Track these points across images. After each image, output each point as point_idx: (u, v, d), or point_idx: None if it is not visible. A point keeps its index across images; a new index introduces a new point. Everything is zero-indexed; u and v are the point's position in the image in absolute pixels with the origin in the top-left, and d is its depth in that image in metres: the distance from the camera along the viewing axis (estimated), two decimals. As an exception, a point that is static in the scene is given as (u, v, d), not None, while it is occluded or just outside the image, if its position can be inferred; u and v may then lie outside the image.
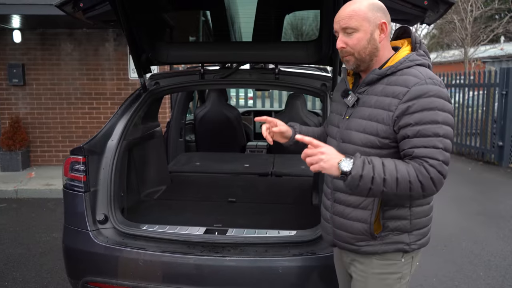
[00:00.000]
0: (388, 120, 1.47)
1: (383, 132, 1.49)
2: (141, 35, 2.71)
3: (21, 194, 6.01)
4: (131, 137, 2.67)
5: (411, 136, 1.43)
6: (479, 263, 3.83)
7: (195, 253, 2.14)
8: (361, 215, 1.57)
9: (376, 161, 1.42)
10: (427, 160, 1.40)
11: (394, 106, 1.45)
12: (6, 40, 7.17)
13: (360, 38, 1.52)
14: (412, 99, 1.42)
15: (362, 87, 1.59)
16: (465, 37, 16.16)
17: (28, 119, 7.36)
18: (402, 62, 1.52)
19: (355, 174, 1.39)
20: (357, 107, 1.58)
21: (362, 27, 1.51)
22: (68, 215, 2.40)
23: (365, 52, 1.54)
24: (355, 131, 1.56)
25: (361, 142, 1.53)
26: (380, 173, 1.40)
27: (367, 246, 1.58)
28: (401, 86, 1.46)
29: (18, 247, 4.14)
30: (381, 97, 1.50)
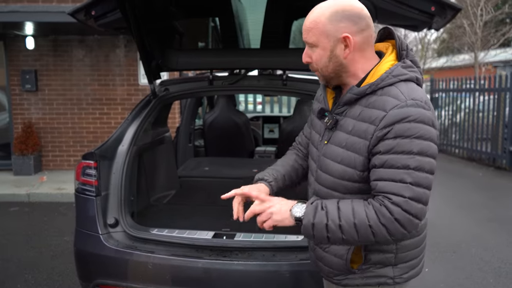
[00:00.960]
0: (364, 150, 1.27)
1: (360, 165, 1.29)
2: (151, 42, 2.77)
3: (33, 198, 6.10)
4: (141, 143, 2.72)
5: (377, 165, 1.24)
6: (489, 270, 3.80)
7: (204, 257, 2.17)
8: (337, 250, 1.41)
9: (331, 206, 1.27)
10: (390, 197, 1.21)
11: (370, 134, 1.25)
12: (19, 46, 7.31)
13: (321, 55, 1.32)
14: (388, 125, 1.22)
15: (339, 107, 1.37)
16: (475, 41, 16.05)
17: (40, 124, 7.48)
18: (384, 78, 1.28)
19: (306, 222, 1.27)
20: (336, 131, 1.37)
21: (320, 43, 1.30)
22: (80, 218, 2.45)
23: (327, 70, 1.34)
24: (331, 160, 1.36)
25: (338, 174, 1.34)
26: (334, 219, 1.24)
27: (346, 279, 1.45)
28: (379, 110, 1.25)
29: (30, 250, 4.21)
30: (359, 122, 1.30)
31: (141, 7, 2.53)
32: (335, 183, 1.35)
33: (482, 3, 15.45)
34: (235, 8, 3.00)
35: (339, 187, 1.35)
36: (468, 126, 9.39)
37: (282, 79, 2.87)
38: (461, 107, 9.84)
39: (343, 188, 1.35)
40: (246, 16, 3.22)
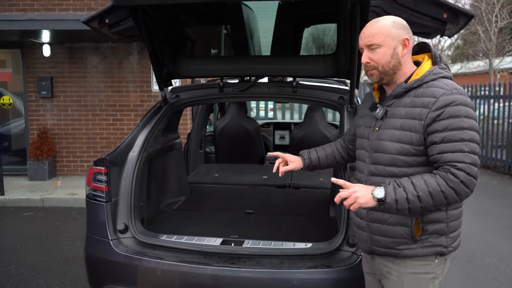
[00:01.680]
0: (420, 128, 1.58)
1: (417, 140, 1.59)
2: (163, 49, 2.80)
3: (47, 203, 6.19)
4: (152, 149, 2.74)
5: (438, 142, 1.54)
6: (503, 280, 3.72)
7: (212, 264, 2.17)
8: (400, 219, 1.64)
9: (405, 182, 1.54)
10: (454, 164, 1.51)
11: (424, 115, 1.57)
12: (36, 54, 7.46)
13: (384, 53, 1.65)
14: (440, 107, 1.54)
15: (389, 100, 1.70)
16: (490, 48, 15.85)
17: (55, 130, 7.61)
18: (426, 75, 1.63)
19: (390, 200, 1.51)
20: (386, 119, 1.69)
21: (385, 43, 1.64)
22: (90, 224, 2.48)
23: (388, 66, 1.66)
24: (388, 141, 1.66)
25: (396, 151, 1.63)
26: (412, 191, 1.51)
27: (407, 249, 1.65)
28: (429, 97, 1.57)
29: (43, 255, 4.26)
30: (411, 108, 1.61)
31: (153, 15, 2.57)
32: (394, 159, 1.63)
33: (497, 10, 15.28)
34: (246, 16, 3.02)
35: (398, 161, 1.63)
36: (482, 133, 9.25)
37: (292, 86, 2.87)
38: (475, 114, 9.70)
39: (402, 162, 1.62)
40: (256, 23, 3.23)
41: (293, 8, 2.81)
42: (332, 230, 2.45)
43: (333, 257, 2.16)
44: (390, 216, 1.66)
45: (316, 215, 3.05)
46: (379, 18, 1.70)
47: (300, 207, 3.22)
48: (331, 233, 2.35)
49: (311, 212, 3.12)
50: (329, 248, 2.18)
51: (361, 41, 1.69)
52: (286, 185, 3.78)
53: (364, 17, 2.25)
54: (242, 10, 2.90)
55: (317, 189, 3.65)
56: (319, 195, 3.48)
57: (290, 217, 2.96)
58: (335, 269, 2.10)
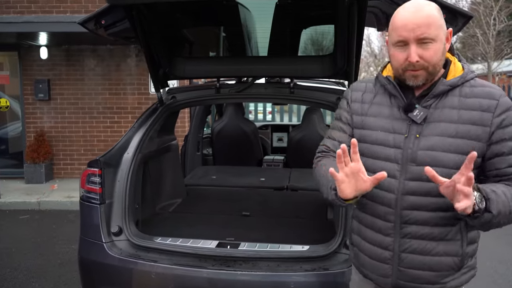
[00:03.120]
0: (484, 136, 1.33)
1: (479, 151, 1.32)
2: (159, 50, 2.77)
3: (44, 206, 6.14)
4: (147, 150, 2.71)
5: (507, 153, 1.33)
6: (504, 283, 3.68)
7: (207, 267, 2.13)
8: (449, 247, 1.38)
9: (500, 190, 1.28)
10: None
11: (488, 121, 1.33)
12: (33, 56, 7.43)
13: (437, 49, 1.33)
14: (504, 111, 1.33)
15: (428, 100, 1.38)
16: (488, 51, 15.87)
17: (52, 132, 7.57)
18: (467, 72, 1.40)
19: (496, 212, 1.24)
20: (428, 123, 1.37)
21: (439, 37, 1.33)
22: (84, 226, 2.44)
23: (439, 65, 1.37)
24: (441, 151, 1.34)
25: (454, 164, 1.31)
26: (506, 203, 1.27)
27: (452, 280, 1.42)
28: (487, 99, 1.35)
29: (39, 258, 4.22)
30: (465, 110, 1.35)
31: (148, 15, 2.54)
32: (449, 174, 1.25)
33: (495, 13, 15.31)
34: (243, 16, 3.00)
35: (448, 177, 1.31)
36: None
37: (290, 87, 2.84)
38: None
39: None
40: (254, 24, 3.21)
41: (290, 8, 2.79)
42: (330, 232, 2.42)
43: (331, 260, 2.12)
44: (437, 244, 1.37)
45: (314, 217, 3.01)
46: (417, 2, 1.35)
47: (298, 209, 3.18)
48: (328, 236, 2.31)
49: (308, 214, 3.08)
50: (326, 250, 2.14)
51: (405, 33, 1.31)
52: (284, 187, 3.75)
53: (362, 17, 2.23)
54: (238, 10, 2.88)
55: (315, 191, 3.61)
56: (317, 197, 3.43)
57: (287, 219, 2.93)
58: (332, 272, 2.06)
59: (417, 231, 1.38)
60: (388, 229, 1.42)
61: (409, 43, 1.32)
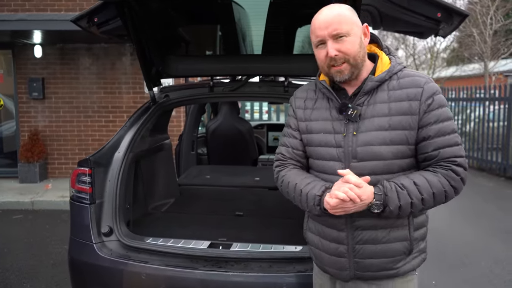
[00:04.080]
0: (414, 124, 1.41)
1: (412, 139, 1.42)
2: (151, 48, 2.74)
3: (37, 206, 6.09)
4: (138, 149, 2.67)
5: (432, 135, 1.40)
6: (499, 283, 3.66)
7: (198, 268, 2.10)
8: (398, 234, 1.47)
9: (407, 183, 1.37)
10: (455, 160, 1.39)
11: (416, 109, 1.41)
12: (27, 55, 7.38)
13: (353, 42, 1.43)
14: (429, 97, 1.41)
15: (360, 97, 1.47)
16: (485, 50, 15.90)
17: (46, 131, 7.51)
18: (394, 66, 1.48)
19: (394, 207, 1.36)
20: (362, 120, 1.45)
21: (352, 31, 1.43)
22: (74, 227, 2.40)
23: (359, 57, 1.45)
24: (379, 145, 1.42)
25: (392, 155, 1.42)
26: (417, 195, 1.36)
27: (404, 265, 1.50)
28: (413, 88, 1.42)
29: (31, 258, 4.17)
30: (394, 102, 1.43)
31: (140, 13, 2.51)
32: (391, 164, 1.43)
33: (491, 12, 15.33)
34: (237, 14, 2.97)
35: (394, 167, 1.43)
36: (478, 136, 9.24)
37: (284, 86, 2.81)
38: (471, 117, 9.69)
39: (398, 167, 1.44)
40: (247, 22, 3.18)
41: (284, 6, 2.76)
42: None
43: None
44: (388, 232, 1.46)
45: None
46: (329, 5, 1.47)
47: (292, 209, 3.13)
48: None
49: (302, 214, 3.04)
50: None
51: (321, 32, 1.42)
52: None
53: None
54: (232, 8, 2.85)
55: None
56: None
57: (281, 219, 2.90)
58: (325, 273, 2.02)
59: (367, 223, 1.47)
60: (341, 224, 1.51)
61: (326, 41, 1.43)
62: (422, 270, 1.62)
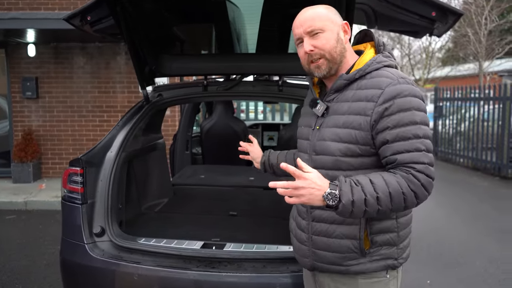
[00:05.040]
0: (365, 125, 1.39)
1: (362, 139, 1.41)
2: (144, 47, 2.71)
3: (31, 206, 6.05)
4: (131, 149, 2.65)
5: (390, 140, 1.36)
6: (494, 282, 3.67)
7: (191, 268, 2.08)
8: (348, 231, 1.46)
9: (363, 180, 1.33)
10: (413, 166, 1.34)
11: (370, 110, 1.38)
12: (21, 54, 7.32)
13: (328, 38, 1.46)
14: (387, 100, 1.36)
15: (330, 94, 1.51)
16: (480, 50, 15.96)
17: (40, 131, 7.46)
18: (369, 64, 1.46)
19: (346, 201, 1.29)
20: (328, 116, 1.50)
21: (327, 27, 1.46)
22: (66, 227, 2.38)
23: (335, 52, 1.47)
24: (330, 141, 1.46)
25: (340, 152, 1.43)
26: (371, 192, 1.31)
27: (356, 265, 1.47)
28: (374, 89, 1.40)
29: (24, 259, 4.13)
30: (354, 102, 1.43)
31: (133, 12, 2.48)
32: (338, 161, 1.44)
33: (486, 12, 15.40)
34: (231, 13, 2.95)
35: (342, 164, 1.44)
36: (473, 135, 9.27)
37: (278, 85, 2.80)
38: (465, 116, 9.73)
39: (346, 164, 1.43)
40: (241, 21, 3.16)
41: (278, 5, 2.74)
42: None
43: None
44: (337, 227, 1.47)
45: None
46: (308, 7, 1.52)
47: (286, 209, 3.12)
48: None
49: None
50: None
51: (297, 30, 1.48)
52: None
53: (350, 14, 2.19)
54: (226, 7, 2.83)
55: None
56: None
57: (275, 219, 2.88)
58: (319, 273, 2.01)
59: (320, 215, 1.51)
60: (304, 213, 1.59)
61: (303, 39, 1.47)
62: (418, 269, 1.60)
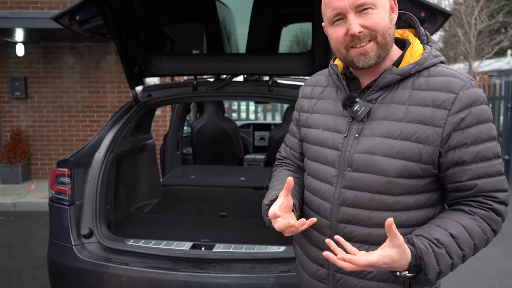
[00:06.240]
0: (435, 139, 1.08)
1: (428, 157, 1.10)
2: (133, 47, 2.70)
3: (19, 207, 5.98)
4: (120, 150, 2.63)
5: (468, 161, 1.08)
6: (483, 280, 3.70)
7: (180, 269, 2.07)
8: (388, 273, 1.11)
9: (443, 236, 1.05)
10: (496, 195, 1.09)
11: (441, 120, 1.08)
12: (9, 53, 7.23)
13: (382, 16, 1.11)
14: (463, 108, 1.07)
15: (373, 92, 1.16)
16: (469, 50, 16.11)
17: (29, 131, 7.38)
18: (426, 57, 1.14)
19: (433, 275, 1.04)
20: (370, 121, 1.16)
21: (380, 2, 1.11)
22: (53, 229, 2.36)
23: (390, 34, 1.13)
24: (381, 155, 1.12)
25: (396, 172, 1.11)
26: (457, 252, 1.06)
27: None
28: (443, 92, 1.09)
29: (12, 261, 4.08)
30: (414, 106, 1.11)
31: (121, 12, 2.47)
32: (391, 183, 1.11)
33: (476, 12, 15.54)
34: (221, 13, 2.94)
35: (396, 187, 1.12)
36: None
37: (268, 85, 2.80)
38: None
39: (400, 188, 1.12)
40: (231, 21, 3.16)
41: (268, 5, 2.74)
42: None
43: None
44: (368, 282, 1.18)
45: None
46: None
47: None
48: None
49: None
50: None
51: (339, 3, 1.10)
52: (263, 186, 3.69)
53: None
54: (216, 6, 2.82)
55: None
56: None
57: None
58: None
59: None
60: (324, 244, 1.16)
61: (346, 15, 1.11)
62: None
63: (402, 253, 1.01)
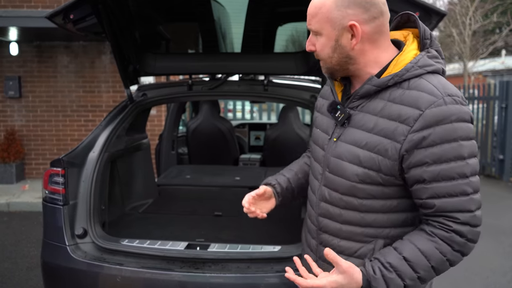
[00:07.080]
0: (394, 153, 1.10)
1: (387, 168, 1.13)
2: (128, 46, 2.68)
3: (13, 207, 5.94)
4: (114, 149, 2.61)
5: (428, 180, 1.08)
6: (477, 279, 3.71)
7: (174, 269, 2.06)
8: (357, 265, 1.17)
9: (397, 261, 1.09)
10: (457, 216, 1.08)
11: (402, 136, 1.09)
12: (3, 52, 7.18)
13: (323, 44, 1.18)
14: (426, 127, 1.06)
15: (354, 100, 1.20)
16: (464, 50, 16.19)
17: (23, 131, 7.33)
18: (409, 69, 1.12)
19: None
20: (348, 128, 1.21)
21: (324, 31, 1.16)
22: (47, 229, 2.34)
23: (331, 62, 1.20)
24: (347, 161, 1.19)
25: (358, 178, 1.17)
26: (411, 275, 1.09)
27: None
28: (411, 107, 1.09)
29: (6, 261, 4.05)
30: (383, 119, 1.13)
31: (116, 11, 2.45)
32: (354, 187, 1.18)
33: (470, 13, 15.62)
34: (216, 12, 2.93)
35: (359, 192, 1.18)
36: (457, 134, 9.38)
37: (264, 85, 2.79)
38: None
39: (364, 193, 1.18)
40: (227, 20, 3.15)
41: (263, 5, 2.74)
42: (303, 232, 2.37)
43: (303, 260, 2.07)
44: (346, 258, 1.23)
45: (287, 217, 2.96)
46: None
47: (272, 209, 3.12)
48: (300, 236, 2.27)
49: (282, 214, 3.03)
50: (298, 251, 2.09)
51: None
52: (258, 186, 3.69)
53: None
54: (211, 6, 2.81)
55: None
56: None
57: (260, 219, 2.87)
58: (303, 273, 2.01)
59: (328, 241, 1.29)
60: (313, 232, 1.36)
61: None
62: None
63: (350, 278, 1.10)
